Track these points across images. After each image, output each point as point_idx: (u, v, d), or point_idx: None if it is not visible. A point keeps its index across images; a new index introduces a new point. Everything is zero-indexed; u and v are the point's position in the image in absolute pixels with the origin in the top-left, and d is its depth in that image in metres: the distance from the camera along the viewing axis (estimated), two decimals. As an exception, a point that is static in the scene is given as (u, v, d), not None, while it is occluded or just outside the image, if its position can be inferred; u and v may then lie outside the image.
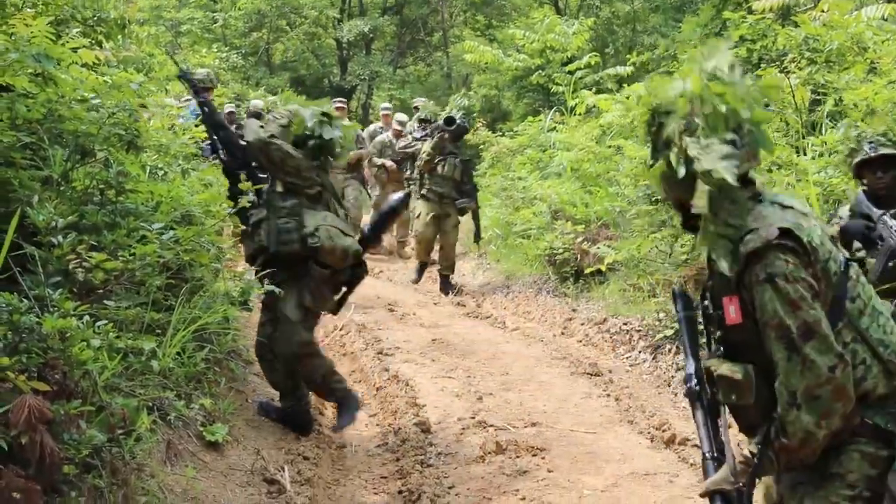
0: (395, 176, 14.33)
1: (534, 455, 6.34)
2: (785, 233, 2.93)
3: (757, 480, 3.08)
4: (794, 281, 2.88)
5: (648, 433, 6.74)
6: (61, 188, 5.23)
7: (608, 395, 7.67)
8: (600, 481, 5.94)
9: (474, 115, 16.89)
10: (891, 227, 5.42)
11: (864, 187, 5.80)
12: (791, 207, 3.04)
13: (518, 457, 6.31)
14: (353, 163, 13.38)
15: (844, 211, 5.91)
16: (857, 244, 5.61)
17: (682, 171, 3.03)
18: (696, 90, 3.07)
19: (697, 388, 3.23)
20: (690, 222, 3.18)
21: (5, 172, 4.97)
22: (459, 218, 12.42)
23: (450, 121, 12.16)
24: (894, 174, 5.66)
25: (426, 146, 12.39)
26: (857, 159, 5.78)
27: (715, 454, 3.11)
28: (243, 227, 6.33)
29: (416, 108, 16.01)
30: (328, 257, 6.12)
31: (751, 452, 3.10)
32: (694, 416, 3.23)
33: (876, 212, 5.52)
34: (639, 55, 15.84)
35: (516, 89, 20.18)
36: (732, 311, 3.01)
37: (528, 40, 16.81)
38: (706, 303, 3.22)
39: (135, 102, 5.72)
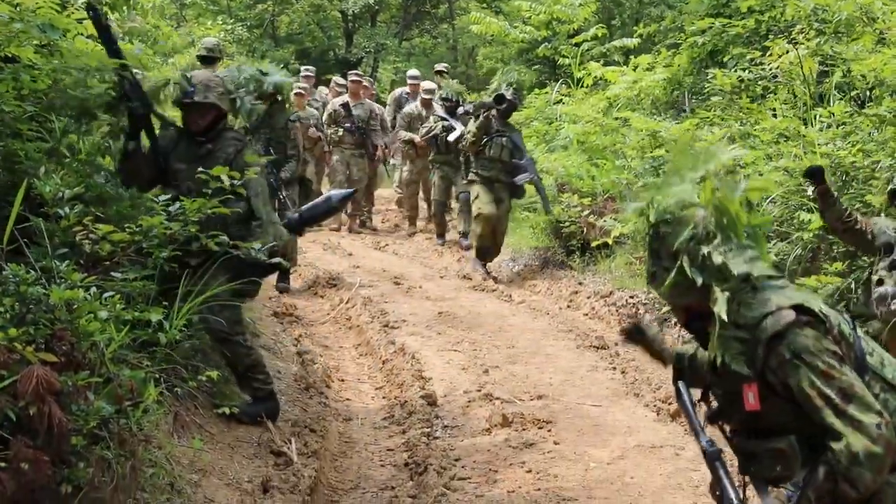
0: (423, 152, 13.70)
1: (540, 428, 6.35)
2: (798, 309, 3.02)
3: None
4: (820, 352, 2.98)
5: (654, 406, 6.75)
6: (66, 159, 5.22)
7: (614, 368, 7.68)
8: (606, 454, 5.95)
9: (524, 91, 16.52)
10: None
11: None
12: (783, 287, 3.18)
13: (524, 429, 6.32)
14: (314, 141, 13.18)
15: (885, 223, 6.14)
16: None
17: (699, 280, 3.11)
18: (708, 199, 3.18)
19: (716, 448, 3.32)
20: (693, 326, 3.32)
21: (11, 144, 4.96)
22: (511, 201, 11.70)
23: (500, 98, 11.35)
24: None
25: (471, 126, 11.54)
26: (892, 186, 6.15)
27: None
28: None
29: (440, 74, 15.69)
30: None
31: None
32: (717, 474, 3.27)
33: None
34: (645, 27, 15.75)
35: (522, 62, 20.09)
36: (751, 398, 3.09)
37: (534, 12, 16.69)
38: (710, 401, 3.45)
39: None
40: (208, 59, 9.84)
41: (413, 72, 15.78)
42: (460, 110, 12.95)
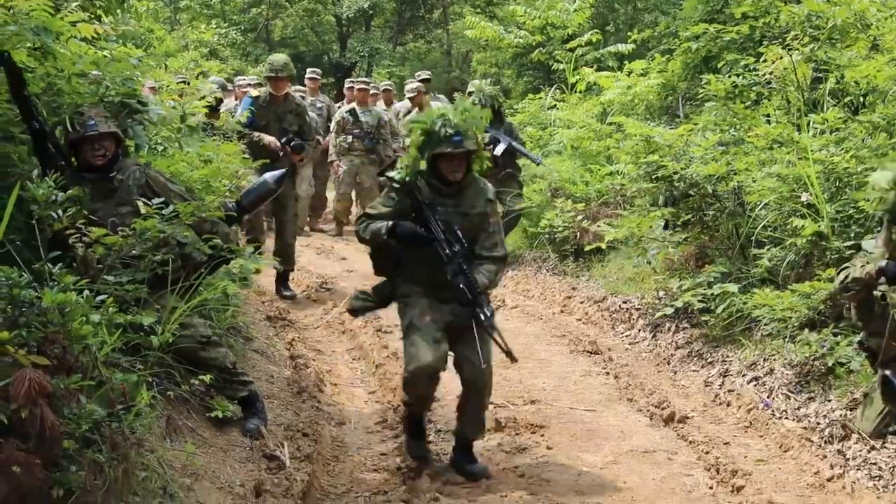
0: None
1: (533, 432, 6.36)
2: None
3: None
4: None
5: (647, 411, 6.75)
6: (61, 162, 5.21)
7: (607, 373, 7.68)
8: (599, 458, 5.95)
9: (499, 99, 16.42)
10: None
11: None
12: None
13: (517, 434, 6.33)
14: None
15: (869, 244, 6.09)
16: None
17: None
18: None
19: None
20: None
21: (4, 147, 4.96)
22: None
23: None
24: None
25: None
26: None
27: None
28: None
29: (425, 82, 15.38)
30: None
31: None
32: None
33: None
34: (640, 32, 15.77)
35: (516, 66, 20.11)
36: None
37: (528, 17, 16.71)
38: None
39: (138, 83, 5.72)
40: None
41: (414, 84, 15.32)
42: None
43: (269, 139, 9.67)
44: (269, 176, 6.49)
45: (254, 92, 10.04)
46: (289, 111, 9.97)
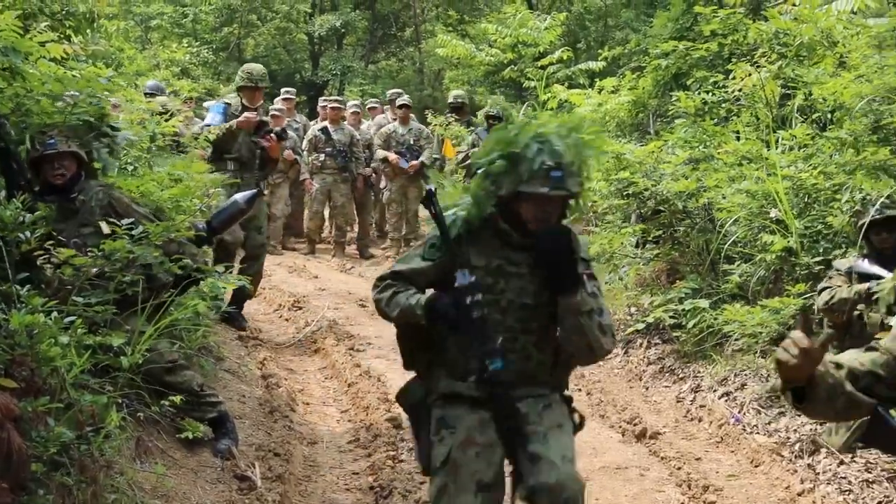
0: (401, 170, 13.73)
1: (506, 450, 6.35)
2: None
3: None
4: None
5: (620, 427, 6.77)
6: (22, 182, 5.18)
7: (579, 390, 7.69)
8: (572, 475, 5.94)
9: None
10: None
11: (865, 250, 6.32)
12: None
13: (490, 451, 6.31)
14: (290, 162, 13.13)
15: (841, 264, 6.19)
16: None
17: None
18: None
19: None
20: None
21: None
22: None
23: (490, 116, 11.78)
24: None
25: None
26: (863, 220, 6.14)
27: None
28: None
29: (405, 108, 15.18)
30: None
31: None
32: None
33: (889, 275, 5.85)
34: (610, 50, 15.87)
35: (488, 84, 20.18)
36: None
37: (500, 35, 16.77)
38: None
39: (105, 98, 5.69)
40: None
41: (401, 99, 15.13)
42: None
43: (244, 117, 8.89)
44: (240, 196, 6.46)
45: (229, 98, 9.47)
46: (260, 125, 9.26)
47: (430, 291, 3.93)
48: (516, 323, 3.87)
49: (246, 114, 8.92)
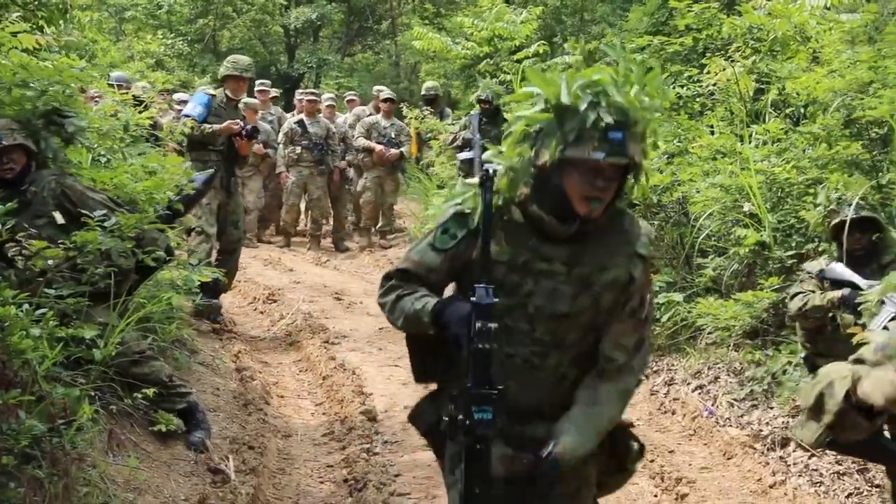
0: (381, 160, 13.73)
1: (479, 444, 6.35)
2: None
3: None
4: None
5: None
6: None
7: (554, 383, 7.70)
8: (545, 467, 5.96)
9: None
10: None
11: (835, 253, 6.25)
12: None
13: (463, 446, 6.31)
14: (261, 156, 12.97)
15: (812, 267, 6.17)
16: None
17: None
18: None
19: None
20: None
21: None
22: None
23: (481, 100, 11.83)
24: (871, 236, 6.02)
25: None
26: (836, 221, 6.11)
27: None
28: None
29: (389, 102, 14.94)
30: None
31: None
32: None
33: (863, 282, 5.82)
34: (587, 44, 15.87)
35: (465, 78, 20.16)
36: None
37: (476, 28, 16.76)
38: None
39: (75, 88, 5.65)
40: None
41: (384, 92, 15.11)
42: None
43: (225, 124, 8.72)
44: (198, 177, 6.50)
45: (211, 90, 9.25)
46: (243, 117, 9.29)
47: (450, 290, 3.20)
48: (547, 335, 3.02)
49: (229, 122, 8.76)
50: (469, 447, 2.83)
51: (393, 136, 13.92)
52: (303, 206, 14.11)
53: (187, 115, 8.75)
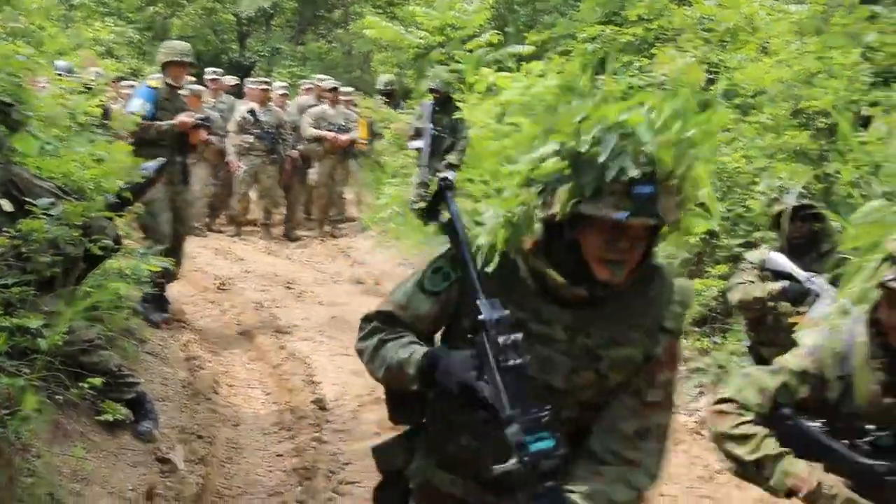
0: (334, 149, 13.80)
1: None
2: None
3: None
4: None
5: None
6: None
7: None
8: (495, 456, 5.98)
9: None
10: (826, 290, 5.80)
11: (776, 242, 6.31)
12: None
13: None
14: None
15: (753, 256, 6.23)
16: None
17: None
18: None
19: None
20: None
21: None
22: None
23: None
24: (811, 225, 6.00)
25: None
26: (778, 209, 6.15)
27: None
28: None
29: (334, 91, 15.13)
30: None
31: None
32: None
33: (802, 274, 5.93)
34: (538, 34, 15.91)
35: (418, 67, 20.13)
36: None
37: (428, 17, 16.75)
38: None
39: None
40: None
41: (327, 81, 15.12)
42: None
43: (180, 120, 8.48)
44: (148, 165, 6.45)
45: (152, 83, 8.89)
46: (185, 106, 9.04)
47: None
48: None
49: (182, 116, 8.55)
50: (538, 496, 2.21)
51: (342, 123, 13.93)
52: (254, 195, 14.04)
53: (133, 113, 8.40)
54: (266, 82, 14.50)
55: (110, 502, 4.58)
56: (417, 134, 12.19)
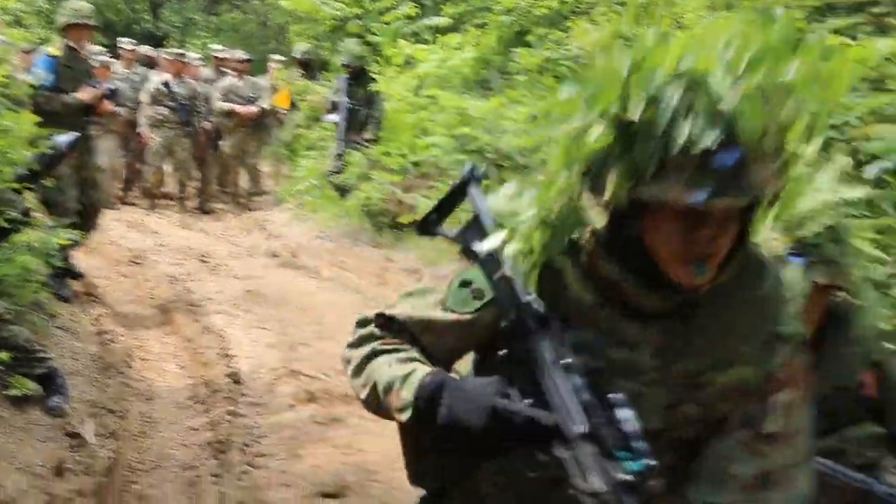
0: (243, 122, 13.81)
1: (346, 403, 6.35)
2: None
3: None
4: None
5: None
6: None
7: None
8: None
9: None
10: None
11: None
12: None
13: (330, 405, 6.31)
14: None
15: None
16: None
17: None
18: None
19: None
20: None
21: None
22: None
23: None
24: None
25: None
26: None
27: None
28: None
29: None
30: None
31: None
32: None
33: None
34: (455, 6, 15.90)
35: (335, 39, 19.99)
36: None
37: (344, -12, 16.67)
38: None
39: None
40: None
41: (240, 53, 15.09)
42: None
43: (91, 94, 8.18)
44: (61, 140, 6.31)
45: (52, 50, 8.29)
46: (90, 69, 8.64)
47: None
48: None
49: (89, 90, 8.21)
50: None
51: (252, 94, 13.85)
52: (168, 168, 13.84)
53: (32, 86, 7.80)
54: (181, 54, 14.31)
55: (18, 478, 4.50)
56: (334, 108, 12.15)
